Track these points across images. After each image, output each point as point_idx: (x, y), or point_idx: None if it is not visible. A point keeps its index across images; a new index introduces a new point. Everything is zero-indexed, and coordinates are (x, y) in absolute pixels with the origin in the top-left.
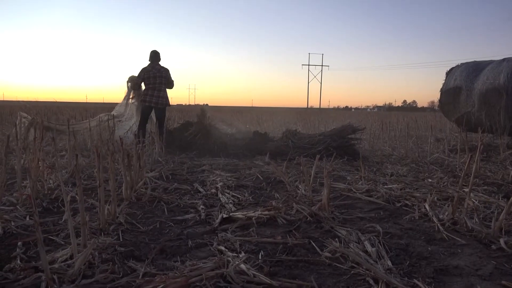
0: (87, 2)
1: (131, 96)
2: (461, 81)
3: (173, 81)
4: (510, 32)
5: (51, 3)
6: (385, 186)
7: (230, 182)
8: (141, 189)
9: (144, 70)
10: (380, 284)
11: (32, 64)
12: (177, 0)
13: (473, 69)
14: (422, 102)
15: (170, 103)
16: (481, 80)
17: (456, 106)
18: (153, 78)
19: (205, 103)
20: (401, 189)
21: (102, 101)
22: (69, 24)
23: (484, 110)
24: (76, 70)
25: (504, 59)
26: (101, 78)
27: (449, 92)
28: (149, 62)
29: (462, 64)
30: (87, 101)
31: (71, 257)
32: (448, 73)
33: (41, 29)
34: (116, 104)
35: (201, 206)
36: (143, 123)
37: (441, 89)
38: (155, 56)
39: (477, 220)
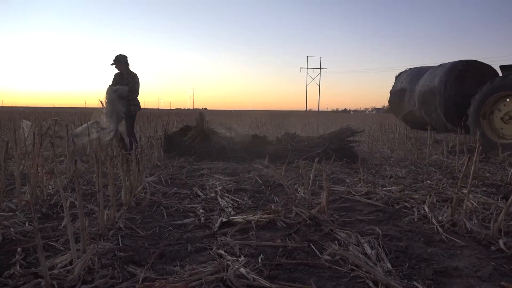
0: (84, 6)
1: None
2: (406, 83)
3: None
4: (510, 32)
5: (49, 7)
6: (384, 188)
7: (229, 186)
8: (140, 194)
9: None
10: (379, 286)
11: (31, 70)
12: (176, 4)
13: (417, 73)
14: None
15: (170, 107)
16: (421, 82)
17: (402, 105)
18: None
19: (203, 107)
20: (400, 191)
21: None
22: (67, 28)
23: (423, 109)
24: (75, 75)
25: (440, 65)
26: (99, 83)
27: (396, 94)
28: (123, 68)
29: (409, 69)
30: (86, 106)
31: (71, 263)
32: (397, 77)
33: (39, 34)
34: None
35: (201, 210)
36: (133, 130)
37: (390, 91)
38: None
39: (476, 221)
